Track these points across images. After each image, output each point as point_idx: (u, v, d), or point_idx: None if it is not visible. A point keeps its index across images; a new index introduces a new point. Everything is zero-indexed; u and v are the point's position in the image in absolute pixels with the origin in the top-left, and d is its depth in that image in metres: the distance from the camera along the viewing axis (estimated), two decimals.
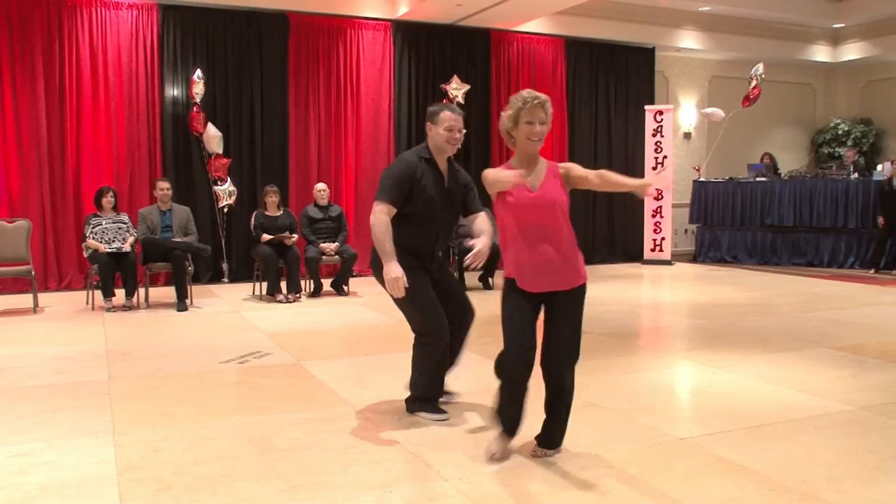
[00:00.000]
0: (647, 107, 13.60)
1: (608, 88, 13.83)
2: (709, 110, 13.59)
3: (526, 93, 3.99)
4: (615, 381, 5.48)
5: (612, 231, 13.91)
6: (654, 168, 13.28)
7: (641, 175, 13.33)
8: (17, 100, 10.17)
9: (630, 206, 13.75)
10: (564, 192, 3.90)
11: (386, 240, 4.20)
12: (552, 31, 13.08)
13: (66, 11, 10.31)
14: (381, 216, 4.25)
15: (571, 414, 4.00)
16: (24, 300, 9.02)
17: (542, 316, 3.91)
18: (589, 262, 12.86)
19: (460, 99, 11.80)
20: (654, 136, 13.37)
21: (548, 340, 3.87)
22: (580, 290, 3.91)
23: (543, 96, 3.97)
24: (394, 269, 4.17)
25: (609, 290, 10.19)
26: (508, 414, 3.89)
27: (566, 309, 3.87)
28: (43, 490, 3.58)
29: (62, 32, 10.31)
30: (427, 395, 4.59)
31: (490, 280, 10.20)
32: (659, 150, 13.33)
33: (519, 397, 3.88)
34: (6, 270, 8.94)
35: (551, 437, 3.97)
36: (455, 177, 4.60)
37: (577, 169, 3.99)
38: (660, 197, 13.23)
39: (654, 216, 13.39)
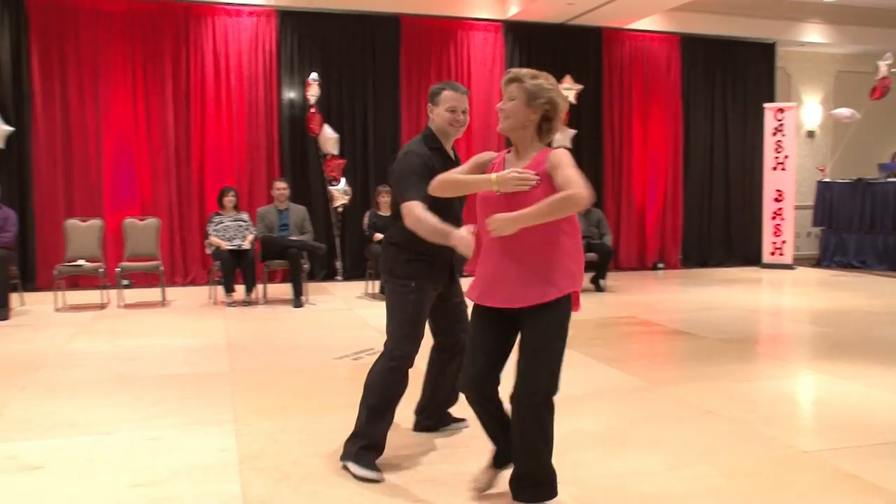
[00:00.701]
0: (766, 105, 13.22)
1: (725, 86, 13.51)
2: (838, 111, 13.09)
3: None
4: (733, 389, 5.35)
5: (729, 233, 13.60)
6: (775, 168, 12.92)
7: (761, 179, 13.07)
8: (149, 104, 10.65)
9: (748, 206, 13.47)
10: (549, 188, 3.09)
11: (435, 222, 3.50)
12: (666, 28, 12.90)
13: (193, 20, 10.75)
14: (420, 211, 3.56)
15: (686, 420, 3.77)
16: (154, 294, 9.43)
17: None
18: (703, 265, 12.97)
19: (572, 99, 11.74)
20: (774, 135, 12.99)
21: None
22: (550, 309, 3.15)
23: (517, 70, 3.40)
24: (457, 232, 3.38)
25: (725, 295, 10.01)
26: (493, 441, 3.49)
27: (528, 330, 3.20)
28: (172, 473, 3.78)
29: (189, 40, 10.75)
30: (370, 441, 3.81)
31: (602, 282, 10.15)
32: (780, 149, 12.95)
33: (488, 427, 3.46)
34: (138, 266, 9.39)
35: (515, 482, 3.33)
36: (460, 165, 3.81)
37: (563, 167, 3.09)
38: (780, 199, 12.90)
39: (774, 218, 13.01)
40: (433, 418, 4.38)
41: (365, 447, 3.75)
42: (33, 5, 10.19)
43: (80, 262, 9.02)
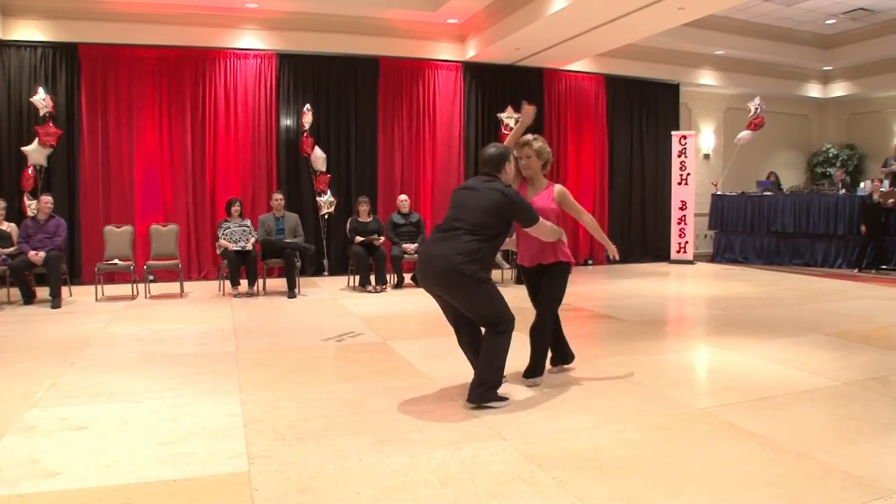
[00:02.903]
0: (673, 132, 13.44)
1: (641, 117, 13.67)
2: (741, 135, 13.38)
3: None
4: (646, 361, 5.46)
5: (644, 234, 13.74)
6: (679, 183, 13.15)
7: (669, 192, 13.27)
8: (172, 131, 10.57)
9: (660, 213, 13.65)
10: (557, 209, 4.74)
11: (556, 228, 4.55)
12: (594, 70, 12.99)
13: (209, 63, 10.68)
14: (546, 223, 4.42)
15: (609, 387, 4.11)
16: (173, 287, 9.36)
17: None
18: (624, 261, 13.10)
19: (512, 125, 11.80)
20: (679, 156, 13.21)
21: None
22: (558, 266, 4.75)
23: (526, 137, 4.77)
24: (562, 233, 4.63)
25: (641, 285, 10.13)
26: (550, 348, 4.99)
27: (546, 278, 4.81)
28: (189, 433, 3.78)
29: (205, 78, 10.67)
30: (497, 381, 4.27)
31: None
32: (683, 168, 13.18)
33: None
34: (161, 264, 9.30)
35: None
36: None
37: (570, 200, 4.78)
38: (684, 207, 13.11)
39: (679, 223, 13.21)
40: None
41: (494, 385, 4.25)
42: (84, 53, 10.12)
43: (116, 261, 8.93)
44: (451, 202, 4.41)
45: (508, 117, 11.77)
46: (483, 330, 4.32)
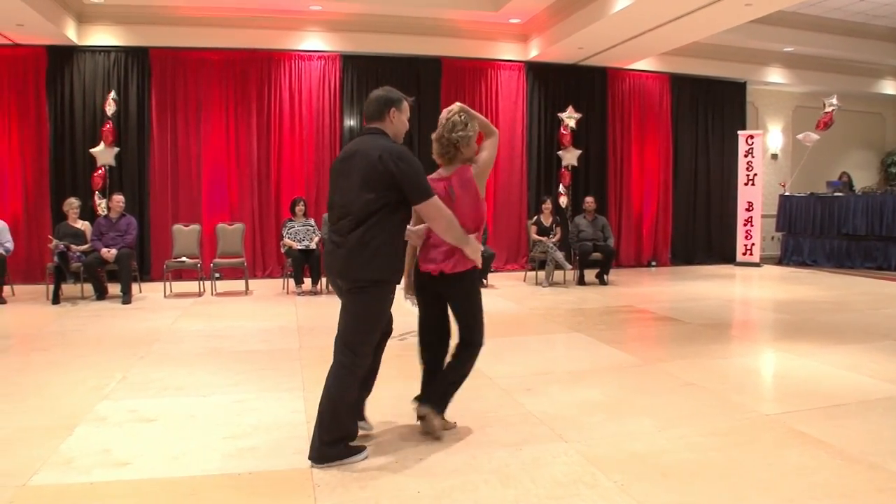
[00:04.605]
0: (739, 132, 13.13)
1: (706, 117, 13.37)
2: (803, 135, 12.96)
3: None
4: (710, 365, 5.35)
5: (709, 236, 13.44)
6: (746, 184, 12.83)
7: (735, 193, 13.03)
8: (238, 132, 10.83)
9: (725, 214, 13.34)
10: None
11: (458, 224, 3.43)
12: (659, 69, 12.78)
13: (274, 64, 10.90)
14: (445, 209, 3.39)
15: (672, 390, 3.88)
16: (239, 285, 9.58)
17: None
18: (689, 262, 12.92)
19: (573, 125, 11.68)
20: (745, 156, 12.91)
21: None
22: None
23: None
24: (473, 241, 3.48)
25: (706, 287, 9.91)
26: None
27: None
28: (254, 428, 3.86)
29: (270, 80, 10.89)
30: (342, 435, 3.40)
31: (605, 277, 10.03)
32: (750, 168, 12.88)
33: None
34: (228, 262, 9.52)
35: None
36: None
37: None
38: (750, 209, 12.78)
39: (745, 225, 12.91)
40: None
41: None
42: (155, 57, 10.47)
43: (184, 258, 9.17)
44: (329, 181, 3.53)
45: (569, 117, 11.66)
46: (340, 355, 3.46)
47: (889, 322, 7.11)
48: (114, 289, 8.63)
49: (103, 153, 9.96)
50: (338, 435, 3.33)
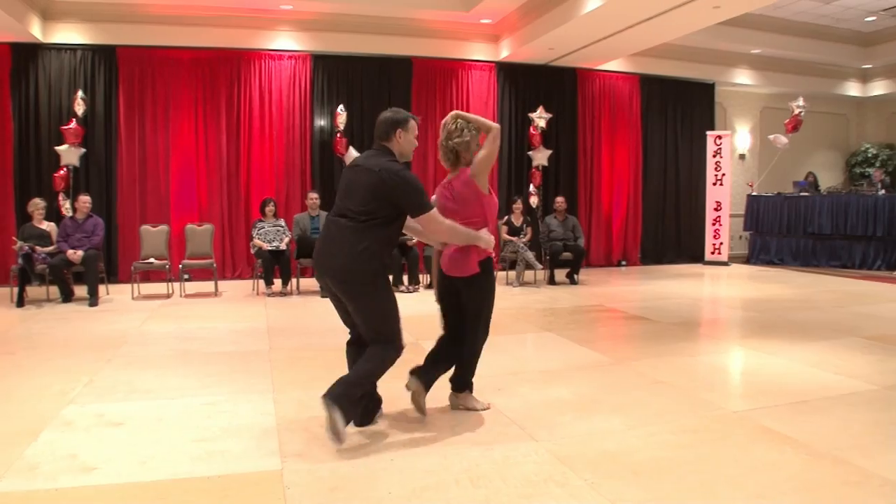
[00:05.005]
0: (708, 132, 13.27)
1: (676, 117, 13.52)
2: (773, 136, 13.14)
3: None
4: (680, 363, 5.40)
5: (678, 236, 13.59)
6: (714, 184, 13.00)
7: (704, 192, 13.16)
8: (207, 132, 10.72)
9: (694, 214, 13.50)
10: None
11: (461, 229, 3.78)
12: (628, 70, 12.89)
13: (244, 64, 10.81)
14: (443, 220, 3.72)
15: (642, 388, 3.98)
16: (208, 286, 9.46)
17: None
18: (658, 262, 13.03)
19: (543, 125, 11.73)
20: (714, 157, 13.06)
21: None
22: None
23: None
24: (484, 234, 3.84)
25: (675, 287, 10.01)
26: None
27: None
28: (223, 431, 3.82)
29: (240, 80, 10.80)
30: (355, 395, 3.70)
31: (576, 277, 10.10)
32: (718, 168, 13.04)
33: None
34: (196, 263, 9.41)
35: None
36: None
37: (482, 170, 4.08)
38: (719, 208, 12.96)
39: (713, 224, 13.06)
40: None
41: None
42: (123, 56, 10.32)
43: (152, 260, 9.06)
44: (339, 184, 3.84)
45: (539, 117, 11.73)
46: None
47: (853, 319, 7.25)
48: (80, 291, 8.50)
49: (68, 153, 9.78)
50: (356, 397, 3.68)
